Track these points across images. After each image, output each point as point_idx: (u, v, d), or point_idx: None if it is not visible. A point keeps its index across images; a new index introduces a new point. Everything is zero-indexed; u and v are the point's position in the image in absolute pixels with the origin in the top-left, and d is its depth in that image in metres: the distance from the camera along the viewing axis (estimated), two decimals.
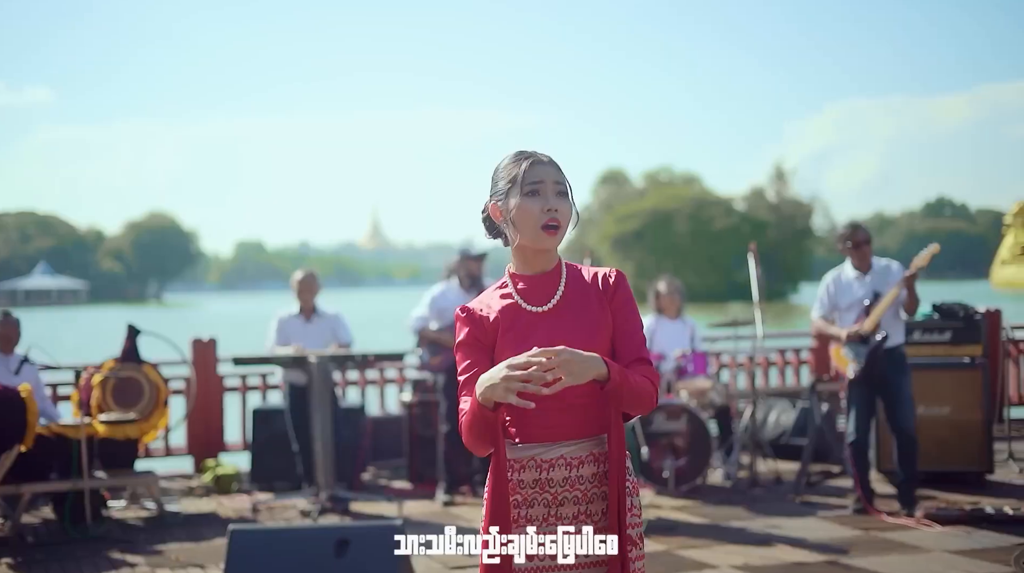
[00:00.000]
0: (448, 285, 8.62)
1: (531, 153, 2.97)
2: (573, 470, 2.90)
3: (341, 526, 5.41)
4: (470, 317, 2.99)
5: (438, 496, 8.38)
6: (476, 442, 2.89)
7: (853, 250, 7.65)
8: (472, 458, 8.60)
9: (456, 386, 8.87)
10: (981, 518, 7.29)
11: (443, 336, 8.36)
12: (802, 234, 79.08)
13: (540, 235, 2.90)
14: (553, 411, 2.88)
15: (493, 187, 3.00)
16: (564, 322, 2.93)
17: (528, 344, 2.86)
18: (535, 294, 2.97)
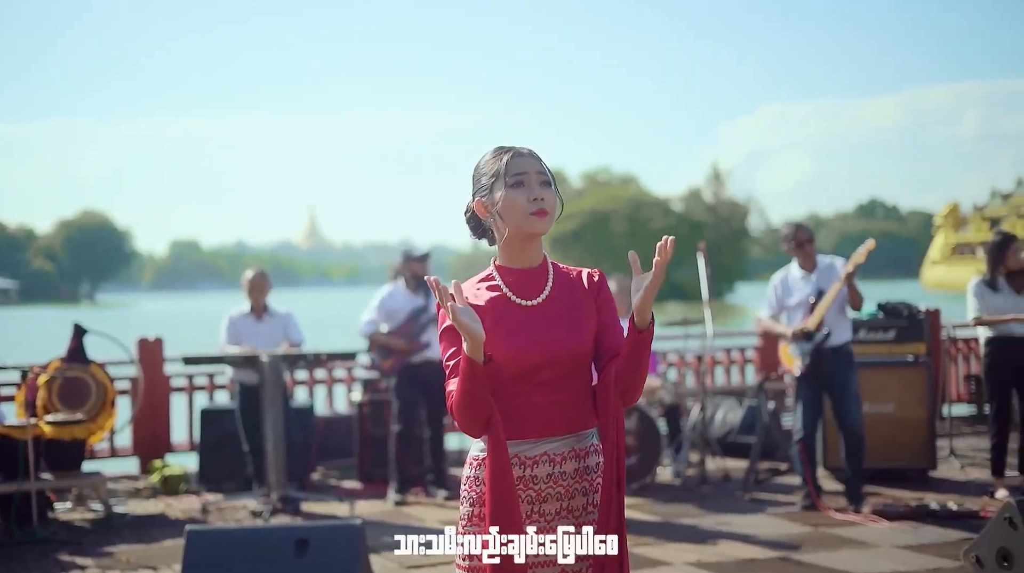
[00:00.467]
0: (395, 286, 8.61)
1: (511, 147, 2.98)
2: (556, 466, 2.91)
3: (301, 526, 5.37)
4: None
5: (390, 496, 8.36)
6: (469, 418, 2.82)
7: (797, 249, 7.76)
8: (423, 458, 8.60)
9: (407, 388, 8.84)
10: (926, 514, 7.43)
11: (393, 340, 8.35)
12: (738, 234, 79.89)
13: (529, 219, 2.90)
14: (537, 408, 2.89)
15: (476, 185, 3.00)
16: (553, 316, 2.93)
17: (518, 337, 2.88)
18: (523, 288, 2.96)
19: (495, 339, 2.88)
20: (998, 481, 8.12)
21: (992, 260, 8.00)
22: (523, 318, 2.93)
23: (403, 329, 8.39)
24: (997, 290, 7.91)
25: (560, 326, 2.92)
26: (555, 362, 2.89)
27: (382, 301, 8.52)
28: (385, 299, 8.53)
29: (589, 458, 2.96)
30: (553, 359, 2.89)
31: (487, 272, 3.03)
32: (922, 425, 8.72)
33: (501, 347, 2.87)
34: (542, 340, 2.89)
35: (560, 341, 2.90)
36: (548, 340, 2.89)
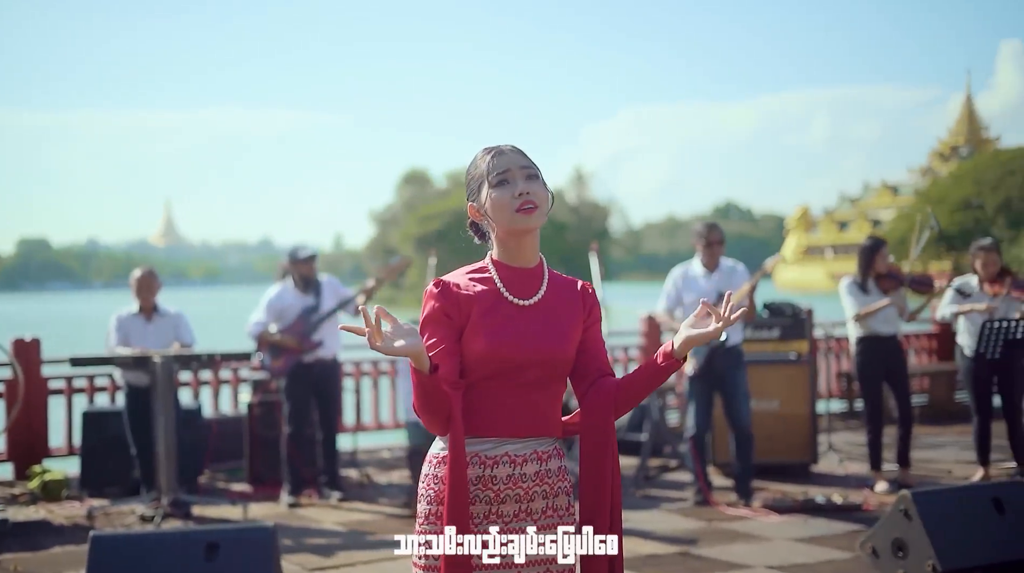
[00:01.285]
0: (284, 286, 8.51)
1: (494, 147, 2.96)
2: (516, 468, 2.89)
3: (210, 530, 5.25)
4: (444, 292, 2.90)
5: (283, 498, 8.25)
6: (428, 418, 2.81)
7: (706, 248, 7.92)
8: (316, 459, 8.51)
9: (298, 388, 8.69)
10: (813, 507, 7.66)
11: (285, 338, 8.25)
12: (600, 236, 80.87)
13: (516, 217, 2.86)
14: (508, 407, 2.87)
15: (467, 190, 2.99)
16: (542, 320, 2.91)
17: (504, 334, 2.85)
18: (518, 286, 2.93)
19: (481, 332, 2.85)
20: (877, 475, 8.42)
21: (863, 263, 8.29)
22: (513, 316, 2.90)
23: (294, 328, 8.29)
24: (867, 291, 8.24)
25: (548, 330, 2.91)
26: (537, 365, 2.88)
27: (270, 301, 8.41)
28: (273, 299, 8.42)
29: (551, 461, 2.94)
30: (536, 361, 2.87)
31: (481, 264, 2.98)
32: (804, 421, 8.99)
33: (486, 340, 2.84)
34: (529, 340, 2.87)
35: (546, 345, 2.88)
36: (535, 342, 2.88)
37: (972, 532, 5.68)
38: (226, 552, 5.08)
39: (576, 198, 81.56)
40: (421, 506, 2.94)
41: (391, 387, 10.60)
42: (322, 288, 8.44)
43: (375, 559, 6.63)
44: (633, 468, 9.12)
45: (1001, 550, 5.69)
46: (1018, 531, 5.77)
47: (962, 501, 5.82)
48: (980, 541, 5.67)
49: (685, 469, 8.87)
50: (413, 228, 74.90)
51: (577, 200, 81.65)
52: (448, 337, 2.87)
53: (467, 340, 2.87)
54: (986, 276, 8.27)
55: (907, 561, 5.66)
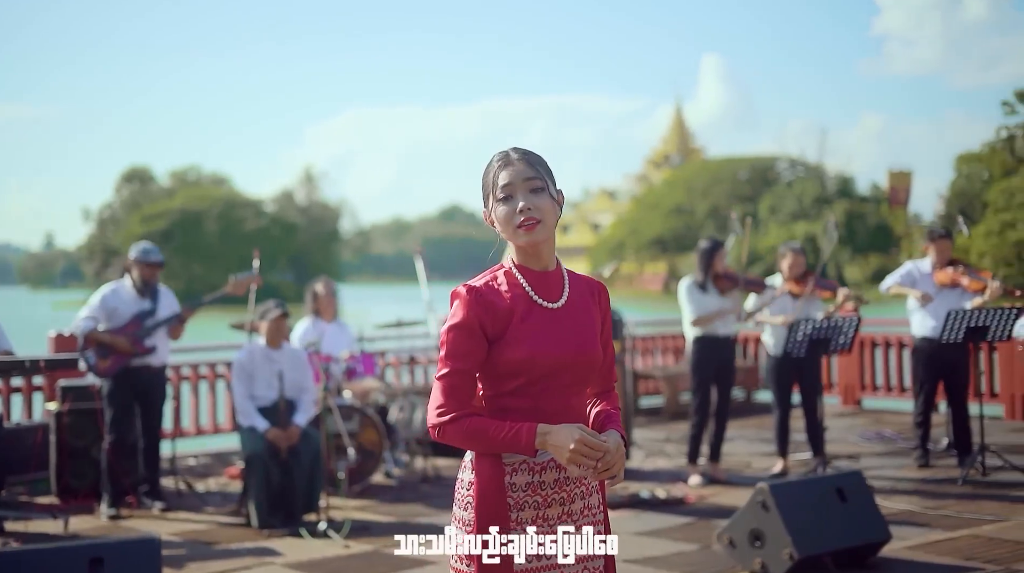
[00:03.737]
0: (119, 285, 8.11)
1: (503, 154, 2.95)
2: (561, 472, 2.91)
3: (93, 544, 4.97)
4: (478, 299, 2.87)
5: (102, 510, 7.86)
6: (476, 449, 2.87)
7: None
8: (136, 468, 8.15)
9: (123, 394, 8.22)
10: (639, 502, 7.95)
11: (116, 339, 7.86)
12: (330, 237, 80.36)
13: (518, 234, 2.88)
14: (551, 412, 2.88)
15: (482, 194, 2.98)
16: (574, 321, 2.94)
17: (545, 338, 2.87)
18: (544, 289, 2.94)
19: (524, 339, 2.86)
20: (691, 468, 8.82)
21: (703, 264, 8.68)
22: (548, 320, 2.91)
23: (126, 330, 7.92)
24: (706, 291, 8.63)
25: (581, 331, 2.94)
26: (576, 366, 2.91)
27: (104, 298, 8.00)
28: (108, 297, 8.01)
29: None
30: (575, 363, 2.90)
31: (504, 269, 2.97)
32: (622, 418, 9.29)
33: (528, 347, 2.85)
34: (565, 343, 2.89)
35: (582, 346, 2.91)
36: (572, 344, 2.90)
37: (821, 520, 6.08)
38: (111, 567, 4.85)
39: (306, 198, 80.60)
40: (466, 514, 2.92)
41: (210, 391, 10.29)
42: (160, 296, 8.10)
43: (232, 568, 6.45)
44: (450, 469, 9.20)
45: (846, 536, 6.13)
46: (858, 518, 6.22)
47: (811, 492, 6.21)
48: (828, 529, 6.08)
49: None
50: (136, 227, 72.13)
51: (307, 201, 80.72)
52: (479, 349, 2.87)
53: (506, 348, 2.87)
54: (791, 275, 8.82)
55: (764, 550, 6.00)
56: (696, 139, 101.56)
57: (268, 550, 6.89)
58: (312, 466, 7.50)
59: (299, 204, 79.93)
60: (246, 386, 7.79)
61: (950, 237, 9.03)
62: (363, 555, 6.73)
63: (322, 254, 76.57)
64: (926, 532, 6.90)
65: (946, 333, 8.42)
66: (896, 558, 6.29)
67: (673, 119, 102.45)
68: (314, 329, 9.03)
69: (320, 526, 7.20)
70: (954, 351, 8.87)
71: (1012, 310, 8.46)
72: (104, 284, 8.25)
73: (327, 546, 6.93)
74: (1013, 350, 10.91)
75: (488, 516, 2.86)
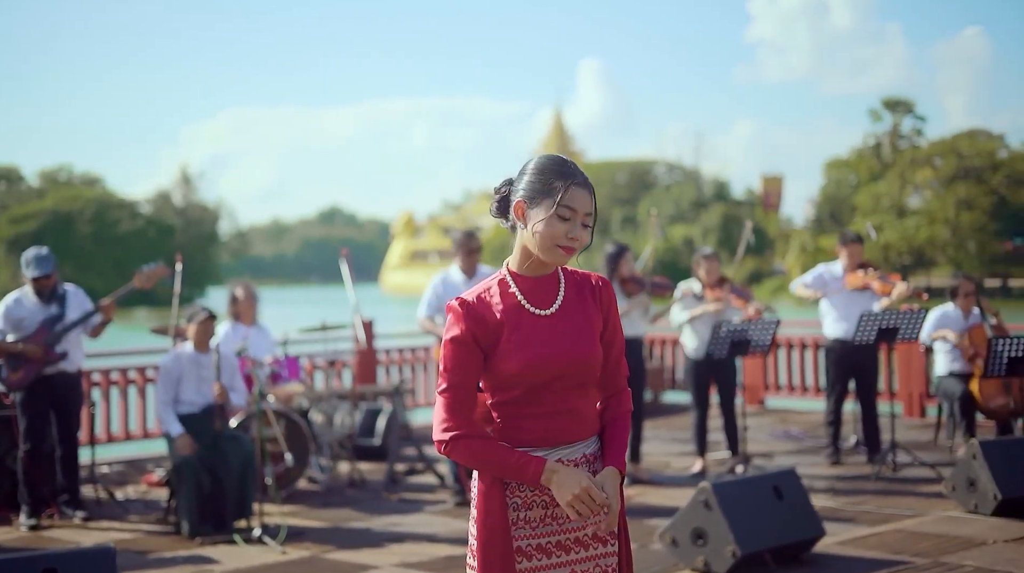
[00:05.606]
0: (21, 294, 7.88)
1: (574, 171, 2.91)
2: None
3: (46, 553, 4.83)
4: (470, 313, 2.90)
5: (22, 520, 7.64)
6: (482, 471, 2.91)
7: (466, 255, 8.11)
8: (54, 477, 7.93)
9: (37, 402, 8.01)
10: None
11: (28, 347, 7.64)
12: (208, 239, 78.99)
13: (556, 252, 2.89)
14: (548, 417, 2.91)
15: (525, 184, 2.93)
16: (566, 327, 2.94)
17: (533, 347, 2.88)
18: (537, 296, 2.95)
19: (513, 351, 2.88)
20: None
21: (609, 268, 8.80)
22: (537, 328, 2.92)
23: (36, 338, 7.70)
24: None
25: (573, 336, 2.94)
26: (569, 373, 2.92)
27: (7, 310, 7.76)
28: (11, 308, 7.77)
29: (597, 463, 3.00)
30: (567, 370, 2.91)
31: (499, 277, 2.98)
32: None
33: (517, 357, 2.87)
34: (557, 350, 2.90)
35: (574, 352, 2.92)
36: (562, 351, 2.91)
37: (761, 518, 6.23)
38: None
39: (183, 200, 79.12)
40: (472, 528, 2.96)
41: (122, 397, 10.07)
42: (67, 298, 7.89)
43: None
44: (372, 473, 9.19)
45: (784, 532, 6.30)
46: (795, 515, 6.40)
47: (750, 490, 6.36)
48: (767, 526, 6.23)
49: (431, 472, 9.01)
50: (4, 230, 69.89)
51: (184, 202, 79.24)
52: (475, 362, 2.91)
53: (499, 361, 2.89)
54: (708, 282, 9.01)
55: (707, 548, 6.12)
56: (576, 143, 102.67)
57: (204, 558, 6.78)
58: (243, 472, 7.40)
59: (176, 205, 78.45)
60: (169, 392, 7.65)
61: (861, 241, 9.32)
62: (302, 561, 6.67)
63: (200, 256, 75.10)
64: (851, 527, 7.11)
65: (859, 335, 8.69)
66: (829, 553, 6.48)
67: (553, 123, 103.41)
68: (235, 333, 8.90)
69: (254, 533, 7.12)
70: (865, 352, 9.16)
71: (921, 311, 8.76)
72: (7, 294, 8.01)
73: (263, 553, 6.85)
74: (912, 350, 11.30)
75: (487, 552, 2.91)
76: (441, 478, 8.80)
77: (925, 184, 61.69)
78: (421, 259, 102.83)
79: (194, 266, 73.28)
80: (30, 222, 69.97)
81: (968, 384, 9.12)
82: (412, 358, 12.33)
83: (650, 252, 9.59)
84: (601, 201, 79.74)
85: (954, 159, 59.69)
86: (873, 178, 65.28)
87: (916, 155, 62.91)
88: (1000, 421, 9.13)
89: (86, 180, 79.73)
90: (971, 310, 9.32)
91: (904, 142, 67.59)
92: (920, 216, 59.93)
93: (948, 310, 9.37)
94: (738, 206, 77.42)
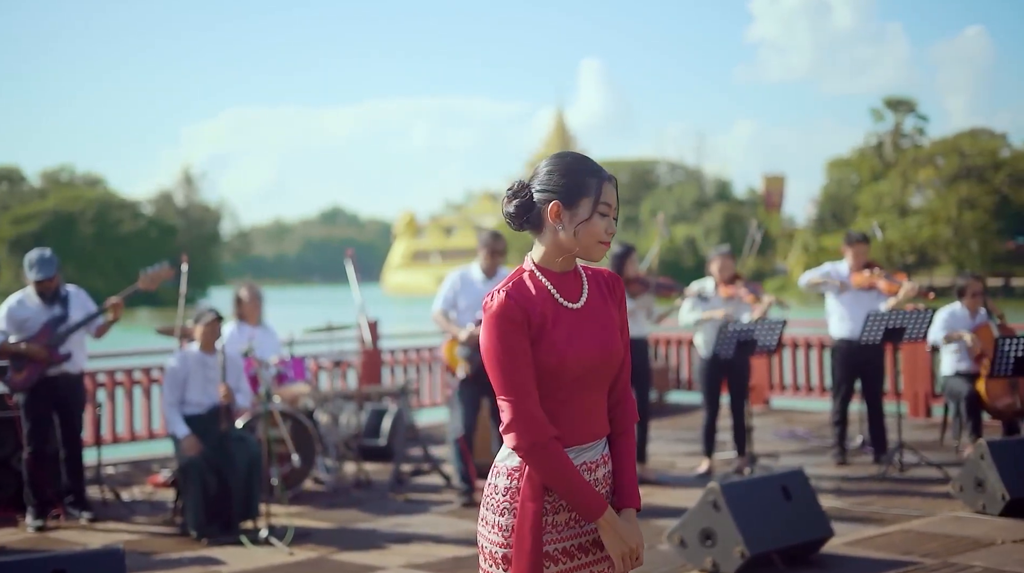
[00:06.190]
0: (24, 295, 7.87)
1: (600, 168, 2.96)
2: (591, 474, 2.93)
3: (55, 556, 4.82)
4: (520, 303, 2.87)
5: (28, 521, 7.63)
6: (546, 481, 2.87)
7: (489, 255, 8.11)
8: (59, 478, 7.93)
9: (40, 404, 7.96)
10: None
11: (31, 348, 7.63)
12: (210, 239, 78.99)
13: (598, 248, 2.93)
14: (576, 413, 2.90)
15: (556, 185, 2.92)
16: (596, 320, 2.95)
17: (577, 339, 2.88)
18: (566, 290, 2.96)
19: (557, 343, 2.87)
20: None
21: (614, 269, 8.79)
22: (574, 321, 2.92)
23: (39, 339, 7.69)
24: None
25: (604, 329, 2.95)
26: (605, 365, 2.93)
27: (10, 311, 7.75)
28: (13, 309, 7.76)
29: (609, 464, 3.00)
30: (604, 362, 2.92)
31: (527, 271, 2.97)
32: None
33: (562, 349, 2.86)
34: (595, 342, 2.91)
35: (607, 346, 2.93)
36: (599, 343, 2.92)
37: (769, 518, 6.21)
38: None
39: (185, 200, 79.13)
40: (504, 520, 2.93)
41: (127, 398, 10.06)
42: (70, 299, 7.88)
43: None
44: (377, 473, 9.18)
45: (793, 533, 6.28)
46: (803, 515, 6.38)
47: (758, 491, 6.34)
48: (776, 526, 6.21)
49: (436, 472, 8.99)
50: (7, 230, 69.99)
51: (186, 202, 79.25)
52: (527, 349, 2.87)
53: (543, 353, 2.87)
54: (722, 279, 9.00)
55: (715, 549, 6.11)
56: (577, 142, 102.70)
57: (211, 559, 6.78)
58: (249, 473, 7.39)
59: (178, 206, 78.50)
60: (176, 393, 7.64)
61: (867, 241, 9.31)
62: (309, 562, 6.66)
63: (202, 257, 75.15)
64: (859, 528, 7.09)
65: (865, 334, 8.68)
66: (837, 554, 6.46)
67: (554, 122, 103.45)
68: (240, 334, 8.89)
69: (261, 534, 7.11)
70: (871, 352, 9.14)
71: (928, 311, 8.75)
72: (10, 295, 8.00)
73: (271, 554, 6.85)
74: (918, 349, 11.29)
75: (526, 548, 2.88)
76: (447, 478, 8.80)
77: (927, 183, 61.71)
78: (423, 259, 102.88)
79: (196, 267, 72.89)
80: (32, 222, 70.08)
81: (974, 384, 9.10)
82: (417, 358, 12.33)
83: (655, 253, 9.57)
84: None
85: (956, 158, 59.70)
86: (875, 177, 65.32)
87: (918, 154, 62.95)
88: (1006, 421, 9.10)
89: (88, 180, 79.79)
90: (978, 310, 9.30)
91: (906, 141, 67.67)
92: (922, 215, 59.94)
93: (955, 310, 9.34)
94: (740, 206, 77.45)
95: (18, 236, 69.29)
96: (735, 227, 68.35)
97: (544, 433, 2.83)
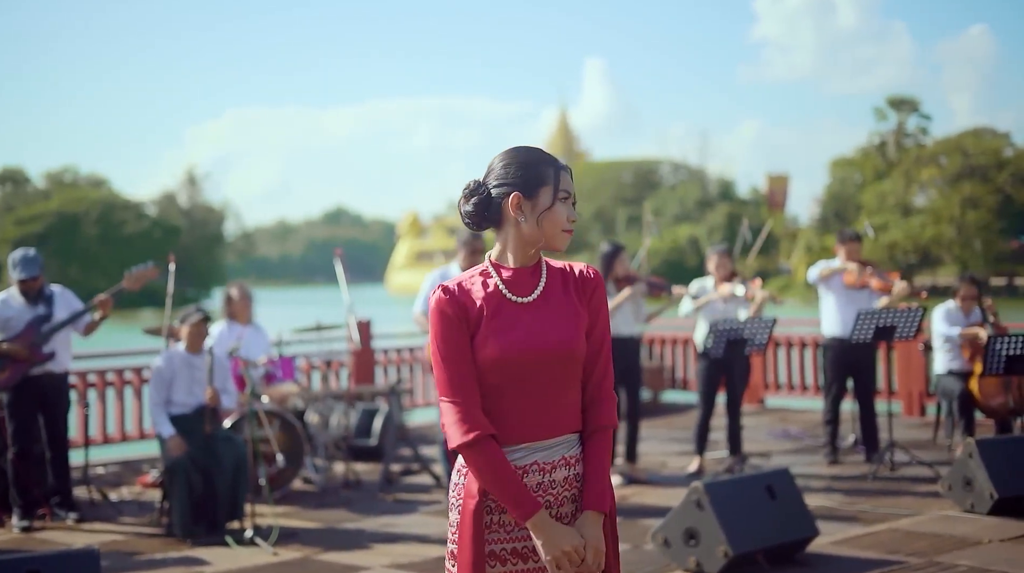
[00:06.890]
0: (8, 294, 7.86)
1: (554, 157, 2.98)
2: (546, 476, 2.89)
3: (31, 556, 4.81)
4: (453, 298, 2.88)
5: (14, 522, 7.62)
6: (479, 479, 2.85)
7: (469, 254, 8.10)
8: (46, 478, 7.91)
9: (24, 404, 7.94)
10: None
11: (14, 347, 7.61)
12: (214, 240, 79.02)
13: (562, 236, 2.93)
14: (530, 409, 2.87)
15: (514, 178, 2.91)
16: (546, 314, 2.91)
17: (512, 333, 2.85)
18: (518, 285, 2.93)
19: (491, 337, 2.85)
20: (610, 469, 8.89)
21: (604, 267, 8.77)
22: (516, 314, 2.89)
23: (23, 339, 7.68)
24: (608, 295, 8.72)
25: (552, 324, 2.90)
26: (548, 361, 2.87)
27: None
28: None
29: (578, 466, 2.94)
30: (546, 357, 2.87)
31: (480, 268, 2.97)
32: None
33: (495, 344, 2.84)
34: (536, 337, 2.87)
35: (553, 339, 2.88)
36: (541, 337, 2.87)
37: (753, 518, 6.18)
38: None
39: (188, 201, 79.17)
40: (453, 515, 2.93)
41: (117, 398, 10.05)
42: (54, 298, 7.86)
43: None
44: (367, 473, 9.16)
45: (777, 533, 6.25)
46: (788, 515, 6.35)
47: (743, 490, 6.32)
48: (760, 526, 6.19)
49: (426, 472, 8.97)
50: (11, 231, 69.96)
51: (189, 203, 79.30)
52: (467, 346, 2.87)
53: (478, 347, 2.87)
54: (720, 277, 8.99)
55: (699, 548, 6.08)
56: (581, 142, 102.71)
57: (195, 559, 6.76)
58: (235, 473, 7.37)
59: (181, 206, 78.49)
60: (162, 393, 7.63)
61: (859, 240, 9.28)
62: (293, 562, 6.65)
63: (206, 258, 75.22)
64: (846, 527, 7.07)
65: (856, 333, 8.65)
66: (823, 553, 6.43)
67: (558, 122, 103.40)
68: (230, 333, 8.88)
69: (246, 534, 7.09)
70: (862, 350, 9.11)
71: (919, 310, 8.72)
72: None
73: (255, 554, 6.83)
74: (911, 348, 11.25)
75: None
76: (437, 478, 8.78)
77: (930, 183, 61.57)
78: (427, 259, 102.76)
79: (200, 267, 73.43)
80: (36, 223, 70.06)
81: (967, 382, 9.07)
82: (411, 358, 12.30)
83: (645, 250, 9.54)
84: (606, 201, 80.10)
85: (959, 157, 59.56)
86: (878, 177, 65.21)
87: (921, 154, 62.81)
88: (999, 419, 9.07)
89: (91, 181, 79.78)
90: (971, 310, 9.28)
91: (909, 140, 67.55)
92: (926, 215, 59.81)
93: (951, 307, 9.34)
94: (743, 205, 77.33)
95: (22, 237, 69.22)
96: (738, 227, 68.19)
97: (475, 431, 2.81)
